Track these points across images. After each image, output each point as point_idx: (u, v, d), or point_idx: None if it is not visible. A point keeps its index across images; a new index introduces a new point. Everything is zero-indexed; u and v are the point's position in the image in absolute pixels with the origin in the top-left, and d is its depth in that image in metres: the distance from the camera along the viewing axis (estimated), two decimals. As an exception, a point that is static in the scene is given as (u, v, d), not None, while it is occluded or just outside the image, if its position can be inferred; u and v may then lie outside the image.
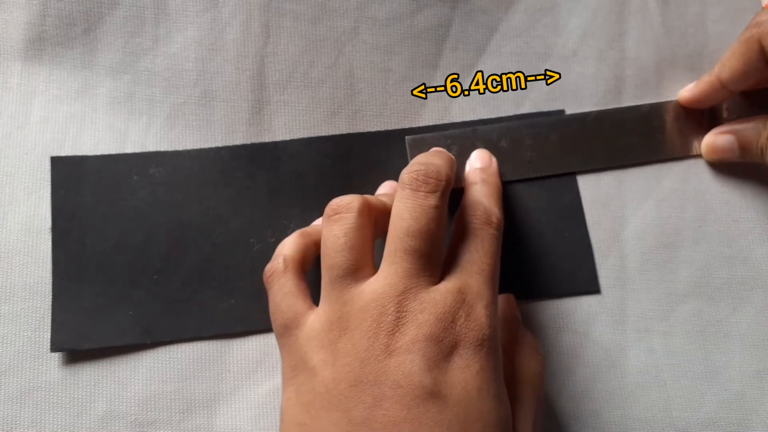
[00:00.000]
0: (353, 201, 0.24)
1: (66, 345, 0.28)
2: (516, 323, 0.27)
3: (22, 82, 0.30)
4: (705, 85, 0.30)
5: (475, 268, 0.24)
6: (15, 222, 0.29)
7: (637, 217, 0.31)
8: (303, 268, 0.26)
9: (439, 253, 0.24)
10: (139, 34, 0.31)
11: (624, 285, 0.30)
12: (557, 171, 0.31)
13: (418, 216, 0.23)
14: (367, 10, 0.32)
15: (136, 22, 0.31)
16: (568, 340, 0.29)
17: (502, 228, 0.25)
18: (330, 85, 0.31)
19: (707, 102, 0.31)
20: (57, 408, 0.28)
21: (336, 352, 0.22)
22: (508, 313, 0.27)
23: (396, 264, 0.23)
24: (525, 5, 0.32)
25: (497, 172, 0.29)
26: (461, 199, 0.26)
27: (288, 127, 0.31)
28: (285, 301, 0.24)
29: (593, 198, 0.31)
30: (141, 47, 0.31)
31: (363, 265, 0.23)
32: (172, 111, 0.30)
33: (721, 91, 0.30)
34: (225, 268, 0.29)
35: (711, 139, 0.30)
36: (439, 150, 0.29)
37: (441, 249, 0.24)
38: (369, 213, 0.24)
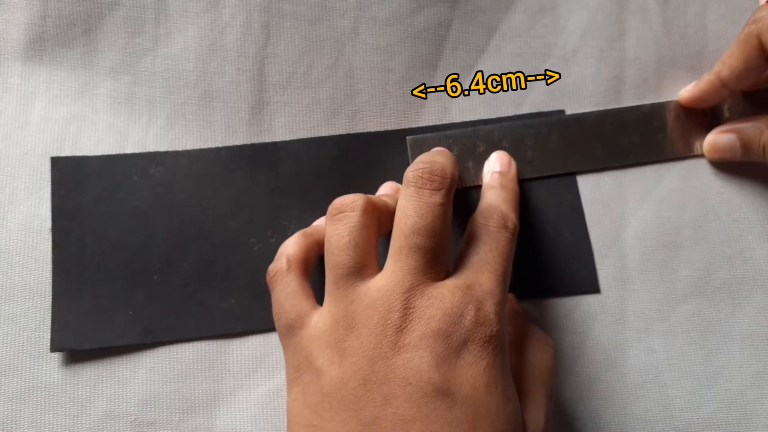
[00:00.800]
0: (357, 200, 0.24)
1: (66, 345, 0.28)
2: (523, 318, 0.27)
3: (22, 82, 0.30)
4: (705, 85, 0.30)
5: (489, 267, 0.24)
6: (15, 222, 0.29)
7: (637, 217, 0.31)
8: (306, 267, 0.25)
9: (445, 251, 0.24)
10: (140, 34, 0.31)
11: (624, 285, 0.30)
12: (558, 171, 0.31)
13: (423, 213, 0.23)
14: (367, 10, 0.32)
15: (136, 22, 0.31)
16: (568, 340, 0.29)
17: (517, 234, 0.25)
18: (330, 86, 0.31)
19: (708, 101, 0.31)
20: (57, 408, 0.28)
21: (343, 351, 0.22)
22: (513, 309, 0.27)
23: (402, 261, 0.23)
24: (525, 5, 0.32)
25: (516, 177, 0.29)
26: (477, 202, 0.26)
27: (288, 128, 0.31)
28: (288, 301, 0.24)
29: (593, 198, 0.31)
30: (141, 48, 0.31)
31: (367, 264, 0.23)
32: (172, 111, 0.30)
33: (722, 90, 0.30)
34: (225, 268, 0.29)
35: (713, 138, 0.31)
36: (442, 149, 0.29)
37: (446, 247, 0.24)
38: (373, 212, 0.24)
